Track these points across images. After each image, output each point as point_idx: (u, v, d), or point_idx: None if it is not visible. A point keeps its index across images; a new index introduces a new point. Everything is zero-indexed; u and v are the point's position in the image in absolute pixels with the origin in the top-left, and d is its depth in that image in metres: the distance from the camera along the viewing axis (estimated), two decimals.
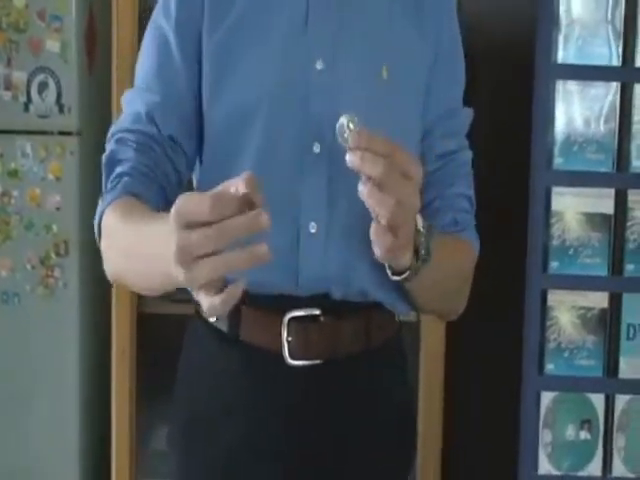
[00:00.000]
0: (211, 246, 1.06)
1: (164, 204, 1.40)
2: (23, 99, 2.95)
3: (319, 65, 1.45)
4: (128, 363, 2.72)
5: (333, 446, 1.49)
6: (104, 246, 1.41)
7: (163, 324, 2.63)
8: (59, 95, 2.94)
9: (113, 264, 1.40)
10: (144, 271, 1.26)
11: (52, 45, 2.94)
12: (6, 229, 2.96)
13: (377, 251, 1.32)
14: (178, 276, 1.09)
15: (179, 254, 1.07)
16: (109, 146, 1.47)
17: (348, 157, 1.24)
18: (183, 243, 1.07)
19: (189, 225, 1.07)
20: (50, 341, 2.97)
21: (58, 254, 2.94)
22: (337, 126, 1.26)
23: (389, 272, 1.40)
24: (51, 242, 2.95)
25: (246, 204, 1.08)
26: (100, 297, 2.96)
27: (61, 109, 2.94)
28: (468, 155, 1.60)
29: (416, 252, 1.36)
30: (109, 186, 1.42)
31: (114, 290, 2.71)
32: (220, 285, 1.11)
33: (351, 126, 1.26)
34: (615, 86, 2.47)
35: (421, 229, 1.35)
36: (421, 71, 1.52)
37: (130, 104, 1.50)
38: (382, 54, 1.48)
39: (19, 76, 2.94)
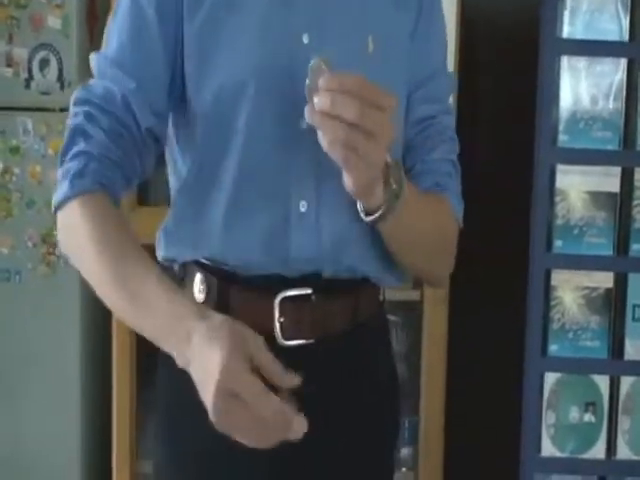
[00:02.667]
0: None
1: (124, 194, 1.40)
2: (24, 76, 2.92)
3: (305, 39, 1.42)
4: (129, 343, 2.70)
5: (326, 424, 1.45)
6: (66, 241, 1.41)
7: None
8: (60, 72, 2.91)
9: (77, 265, 1.40)
10: (133, 320, 1.32)
11: (53, 21, 2.91)
12: (7, 206, 2.94)
13: (349, 183, 1.31)
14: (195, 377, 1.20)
15: (214, 410, 1.15)
16: (78, 115, 1.40)
17: (316, 100, 1.24)
18: (220, 408, 1.14)
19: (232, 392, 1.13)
20: (51, 319, 2.95)
21: None
22: (309, 67, 1.26)
23: (362, 214, 1.39)
24: (52, 220, 2.87)
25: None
26: None
27: (62, 86, 2.92)
28: (450, 119, 1.58)
29: (386, 186, 1.35)
30: (74, 165, 1.36)
31: None
32: None
33: (324, 67, 1.25)
34: (622, 62, 2.43)
35: (391, 163, 1.34)
36: (403, 41, 1.50)
37: (102, 74, 1.44)
38: (366, 25, 1.45)
39: (20, 53, 2.92)
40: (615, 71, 2.43)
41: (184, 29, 1.43)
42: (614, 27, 2.42)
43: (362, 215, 1.39)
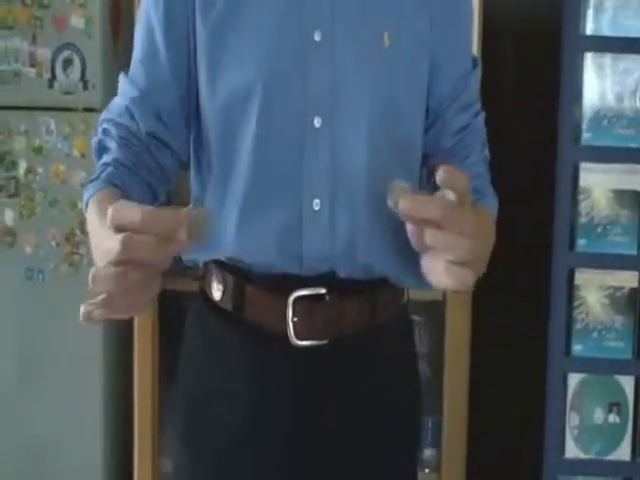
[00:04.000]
0: (124, 255, 1.04)
1: (151, 197, 1.42)
2: (47, 76, 2.92)
3: (317, 37, 1.41)
4: (150, 341, 2.70)
5: (340, 426, 1.47)
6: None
7: (185, 301, 2.61)
8: (83, 71, 2.92)
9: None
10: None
11: (77, 21, 2.91)
12: (31, 206, 2.95)
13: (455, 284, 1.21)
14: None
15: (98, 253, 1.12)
16: (98, 134, 1.48)
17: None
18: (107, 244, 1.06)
19: (118, 228, 1.05)
20: (74, 318, 2.87)
21: (83, 231, 2.92)
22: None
23: None
24: (76, 219, 2.93)
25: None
26: None
27: (85, 86, 2.92)
28: (481, 120, 1.55)
29: None
30: (94, 175, 1.43)
31: None
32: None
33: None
34: None
35: None
36: (422, 36, 1.47)
37: (120, 92, 1.51)
38: (382, 21, 1.43)
39: (43, 52, 2.92)
40: (638, 68, 2.40)
41: (196, 32, 1.44)
42: (636, 24, 2.40)
43: None
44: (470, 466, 2.66)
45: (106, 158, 1.44)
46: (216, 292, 1.49)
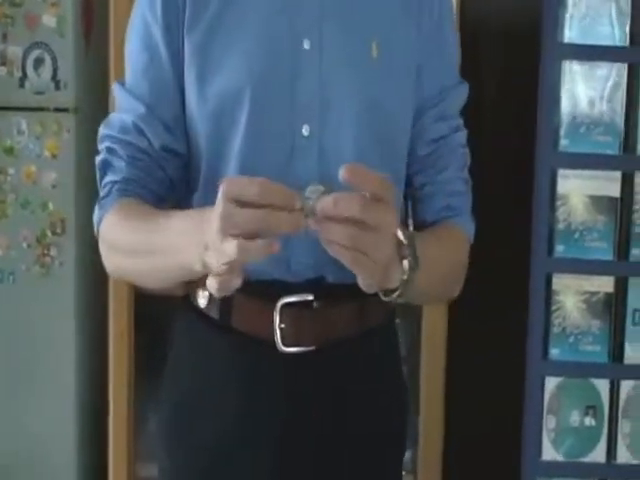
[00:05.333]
0: (253, 225, 1.15)
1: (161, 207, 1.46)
2: (18, 75, 2.90)
3: (306, 45, 1.42)
4: (126, 345, 2.68)
5: (328, 431, 1.48)
6: (105, 248, 1.47)
7: (162, 304, 2.60)
8: (55, 71, 2.89)
9: (117, 263, 1.46)
10: (157, 265, 1.37)
11: (48, 20, 2.89)
12: (2, 207, 2.92)
13: (363, 283, 1.29)
14: (206, 258, 1.22)
15: (222, 222, 1.16)
16: (101, 153, 1.50)
17: (318, 204, 1.21)
18: (228, 212, 1.16)
19: (235, 200, 1.16)
20: (46, 321, 2.94)
21: (54, 232, 2.90)
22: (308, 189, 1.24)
23: (380, 294, 1.35)
24: (47, 220, 2.91)
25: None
26: (97, 277, 2.91)
27: (57, 85, 2.90)
28: (462, 136, 1.57)
29: (401, 264, 1.30)
30: (102, 192, 1.47)
31: None
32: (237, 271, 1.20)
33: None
34: (622, 67, 2.42)
35: (404, 241, 1.29)
36: (409, 47, 1.49)
37: (119, 107, 1.52)
38: (370, 30, 1.45)
39: (14, 51, 2.90)
40: (616, 76, 2.43)
41: (185, 41, 1.45)
42: (614, 32, 2.43)
43: (380, 295, 1.35)
44: (447, 468, 2.68)
45: (113, 176, 1.46)
46: (201, 299, 1.49)
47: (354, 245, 1.19)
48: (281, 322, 1.43)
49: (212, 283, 1.23)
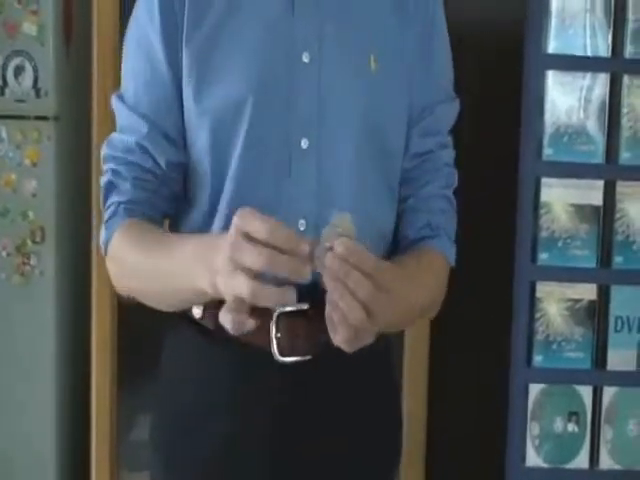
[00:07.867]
0: (259, 263, 1.15)
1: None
2: None
3: (305, 58, 1.43)
4: (109, 353, 2.67)
5: (323, 443, 1.47)
6: (115, 270, 1.48)
7: (144, 311, 2.59)
8: (36, 79, 2.88)
9: (129, 285, 1.47)
10: (169, 288, 1.37)
11: (29, 28, 2.87)
12: None
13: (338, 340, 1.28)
14: (217, 283, 1.20)
15: (232, 252, 1.17)
16: (106, 175, 1.49)
17: (330, 262, 1.21)
18: (238, 245, 1.17)
19: (245, 235, 1.16)
20: (26, 330, 2.91)
21: (34, 241, 2.87)
22: (331, 222, 1.24)
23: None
24: (27, 229, 2.89)
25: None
26: (78, 285, 2.91)
27: (38, 93, 2.88)
28: (448, 155, 1.56)
29: None
30: (108, 213, 1.47)
31: (94, 278, 2.66)
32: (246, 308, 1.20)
33: (348, 224, 1.24)
34: (605, 77, 2.46)
35: None
36: (406, 59, 1.49)
37: (123, 125, 1.50)
38: (369, 43, 1.46)
39: None
40: (598, 86, 2.46)
41: (183, 52, 1.44)
42: (597, 42, 2.46)
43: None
44: (430, 474, 2.69)
45: (118, 197, 1.46)
46: (196, 309, 1.48)
47: (367, 300, 1.20)
48: (277, 332, 1.43)
49: (225, 318, 1.22)
